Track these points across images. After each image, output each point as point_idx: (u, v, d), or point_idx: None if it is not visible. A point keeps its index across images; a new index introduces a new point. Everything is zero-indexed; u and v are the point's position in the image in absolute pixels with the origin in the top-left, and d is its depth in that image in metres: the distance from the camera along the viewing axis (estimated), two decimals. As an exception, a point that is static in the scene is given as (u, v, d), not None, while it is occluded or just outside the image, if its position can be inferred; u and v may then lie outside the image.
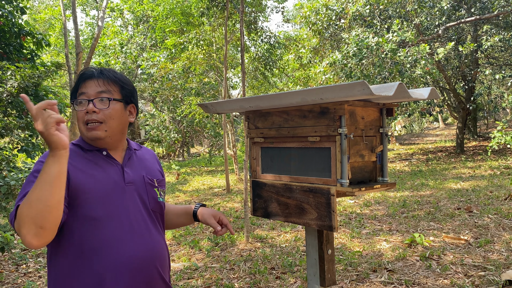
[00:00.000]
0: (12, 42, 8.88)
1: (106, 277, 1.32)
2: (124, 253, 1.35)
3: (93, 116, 1.39)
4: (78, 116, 1.42)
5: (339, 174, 1.59)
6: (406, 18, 12.18)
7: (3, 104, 5.06)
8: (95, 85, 1.42)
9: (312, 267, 1.87)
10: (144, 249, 1.40)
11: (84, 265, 1.32)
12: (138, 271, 1.37)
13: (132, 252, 1.37)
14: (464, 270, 3.85)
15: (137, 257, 1.37)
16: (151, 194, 1.51)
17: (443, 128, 25.71)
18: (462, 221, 5.55)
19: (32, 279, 4.33)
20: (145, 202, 1.48)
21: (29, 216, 1.14)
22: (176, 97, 13.50)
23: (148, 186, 1.51)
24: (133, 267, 1.36)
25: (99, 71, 1.46)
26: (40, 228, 1.15)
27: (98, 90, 1.41)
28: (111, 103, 1.42)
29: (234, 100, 1.89)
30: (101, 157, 1.44)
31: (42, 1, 22.83)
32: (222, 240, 5.39)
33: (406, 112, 13.77)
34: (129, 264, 1.35)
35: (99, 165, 1.41)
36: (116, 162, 1.46)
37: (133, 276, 1.36)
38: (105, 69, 1.48)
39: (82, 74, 1.45)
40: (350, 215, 6.41)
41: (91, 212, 1.33)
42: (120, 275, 1.34)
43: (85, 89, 1.42)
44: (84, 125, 1.40)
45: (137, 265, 1.37)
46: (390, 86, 1.47)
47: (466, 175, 9.66)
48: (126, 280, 1.35)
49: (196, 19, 12.18)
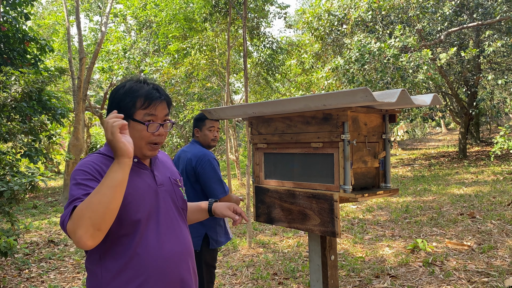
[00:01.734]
0: (16, 48, 8.94)
1: (152, 274, 1.42)
2: (164, 250, 1.45)
3: (159, 139, 1.51)
4: (142, 136, 1.48)
5: (342, 180, 1.59)
6: (408, 24, 12.20)
7: (7, 109, 5.08)
8: (162, 109, 1.51)
9: (315, 273, 1.87)
10: (179, 245, 1.51)
11: (132, 264, 1.40)
12: (177, 265, 1.48)
13: (171, 248, 1.47)
14: (467, 276, 3.83)
15: (175, 252, 1.48)
16: (179, 194, 1.62)
17: (445, 133, 25.67)
18: (465, 227, 5.53)
19: (34, 284, 4.33)
20: (174, 201, 1.58)
21: (89, 218, 1.21)
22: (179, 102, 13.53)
23: (175, 187, 1.61)
24: (173, 262, 1.47)
25: (163, 93, 1.53)
26: (98, 230, 1.23)
27: (165, 113, 1.52)
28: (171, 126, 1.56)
29: (238, 106, 1.89)
30: (133, 164, 1.51)
31: (46, 7, 22.97)
32: (224, 246, 5.38)
33: (408, 117, 13.77)
34: (170, 260, 1.46)
35: (133, 171, 1.49)
36: (146, 167, 1.55)
37: (172, 270, 1.47)
38: (162, 89, 1.56)
39: (153, 94, 1.50)
40: (352, 221, 6.40)
41: (132, 215, 1.42)
42: (163, 271, 1.44)
43: (155, 111, 1.49)
44: (148, 145, 1.49)
45: (177, 259, 1.48)
46: (393, 92, 1.48)
47: (469, 180, 9.63)
48: (168, 275, 1.45)
49: (199, 24, 12.23)
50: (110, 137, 1.28)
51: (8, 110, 5.25)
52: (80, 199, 1.28)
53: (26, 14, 9.35)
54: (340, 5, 11.89)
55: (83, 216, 1.21)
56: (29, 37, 9.00)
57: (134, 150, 1.46)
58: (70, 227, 1.23)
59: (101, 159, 1.47)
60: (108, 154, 1.50)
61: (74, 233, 1.22)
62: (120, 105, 1.49)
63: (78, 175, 1.37)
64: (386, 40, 10.28)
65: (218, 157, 20.97)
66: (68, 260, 5.20)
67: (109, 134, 1.28)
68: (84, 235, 1.21)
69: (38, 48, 9.37)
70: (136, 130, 1.48)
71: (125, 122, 1.31)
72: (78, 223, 1.21)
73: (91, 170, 1.38)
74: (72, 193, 1.32)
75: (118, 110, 1.47)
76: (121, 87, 1.52)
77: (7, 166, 4.92)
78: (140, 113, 1.48)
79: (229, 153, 10.23)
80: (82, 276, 4.54)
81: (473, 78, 13.13)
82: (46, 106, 7.51)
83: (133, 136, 1.47)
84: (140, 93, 1.49)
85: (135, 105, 1.48)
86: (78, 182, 1.35)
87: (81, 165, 1.41)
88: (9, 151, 5.64)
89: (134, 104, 1.48)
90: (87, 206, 1.22)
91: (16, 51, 8.97)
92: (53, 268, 4.88)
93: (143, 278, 1.40)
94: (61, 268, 4.89)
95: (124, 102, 1.48)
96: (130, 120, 1.47)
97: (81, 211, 1.22)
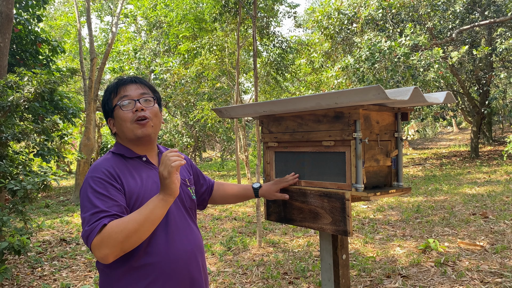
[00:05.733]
0: (28, 49, 9.06)
1: (161, 273, 1.42)
2: (174, 250, 1.46)
3: (142, 113, 1.48)
4: (124, 118, 1.48)
5: (354, 178, 1.58)
6: (419, 22, 12.09)
7: (19, 109, 5.15)
8: (135, 88, 1.52)
9: (327, 272, 1.86)
10: (189, 244, 1.51)
11: (141, 264, 1.41)
12: (187, 264, 1.49)
13: (180, 247, 1.48)
14: (480, 276, 3.79)
15: (184, 251, 1.49)
16: (187, 193, 1.61)
17: (457, 132, 25.41)
18: (477, 227, 5.47)
19: (47, 282, 4.38)
20: (183, 201, 1.58)
21: (121, 243, 1.25)
22: (189, 102, 13.58)
23: (183, 186, 1.60)
24: (183, 261, 1.48)
25: (133, 77, 1.57)
26: (123, 251, 1.28)
27: (140, 92, 1.52)
28: (154, 102, 1.55)
29: (248, 105, 1.89)
30: (141, 163, 1.52)
31: (57, 8, 23.21)
32: (234, 245, 5.39)
33: (419, 116, 13.65)
34: (179, 259, 1.47)
35: (142, 170, 1.50)
36: (155, 166, 1.55)
37: (182, 269, 1.47)
38: (135, 76, 1.59)
39: (119, 81, 1.54)
40: (363, 220, 6.36)
41: None
42: (173, 270, 1.44)
43: (126, 92, 1.50)
44: (133, 123, 1.48)
45: (186, 258, 1.49)
46: (406, 90, 1.46)
47: (481, 180, 9.52)
48: (177, 274, 1.46)
49: (209, 24, 12.26)
50: (166, 175, 1.29)
51: (21, 110, 5.32)
52: (106, 213, 1.29)
53: (39, 16, 9.46)
54: (350, 3, 11.83)
55: (115, 238, 1.24)
56: (41, 38, 9.11)
57: (128, 136, 1.50)
58: (96, 243, 1.24)
59: (116, 160, 1.48)
60: (120, 153, 1.51)
61: (99, 249, 1.24)
62: (105, 108, 1.55)
63: (95, 183, 1.37)
64: (397, 38, 10.20)
65: (228, 156, 20.98)
66: (80, 258, 5.24)
67: (165, 172, 1.29)
68: (110, 254, 1.25)
69: (50, 49, 9.48)
70: (117, 117, 1.50)
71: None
72: (107, 242, 1.23)
73: (107, 177, 1.39)
74: (94, 203, 1.31)
75: (107, 113, 1.54)
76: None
77: (20, 165, 4.97)
78: (114, 101, 1.51)
79: (238, 153, 10.23)
80: (94, 275, 4.57)
81: (485, 76, 12.98)
82: (58, 106, 7.59)
83: (119, 125, 1.50)
84: (110, 86, 1.55)
85: (110, 98, 1.52)
86: (96, 191, 1.34)
87: (96, 171, 1.40)
88: (22, 150, 5.71)
89: (109, 98, 1.52)
90: (122, 231, 1.24)
91: (28, 52, 9.09)
92: (65, 266, 4.93)
93: (152, 277, 1.41)
94: (73, 266, 4.93)
95: (105, 103, 1.54)
96: (112, 115, 1.52)
97: (115, 233, 1.24)
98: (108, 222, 1.26)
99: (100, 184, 1.35)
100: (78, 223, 7.50)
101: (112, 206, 1.32)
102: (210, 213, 7.90)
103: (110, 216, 1.29)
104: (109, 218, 1.28)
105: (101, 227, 1.25)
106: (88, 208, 1.31)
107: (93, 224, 1.26)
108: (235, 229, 6.29)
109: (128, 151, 1.52)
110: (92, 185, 1.36)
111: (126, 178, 1.43)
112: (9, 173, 4.62)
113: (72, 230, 6.95)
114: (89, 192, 1.34)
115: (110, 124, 1.55)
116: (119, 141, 1.56)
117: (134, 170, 1.49)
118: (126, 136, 1.50)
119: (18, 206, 4.36)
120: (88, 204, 1.32)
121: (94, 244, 1.24)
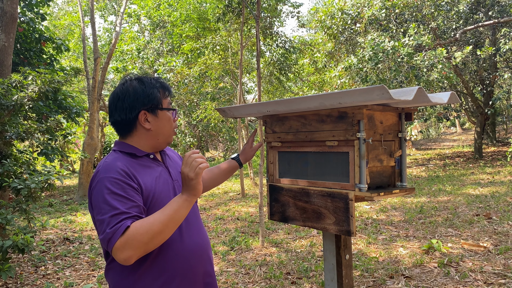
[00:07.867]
0: (32, 48, 9.09)
1: (177, 268, 1.44)
2: (187, 244, 1.48)
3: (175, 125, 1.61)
4: (171, 123, 1.57)
5: (358, 178, 1.58)
6: (422, 22, 12.06)
7: (23, 109, 5.17)
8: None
9: (330, 272, 1.86)
10: (199, 237, 1.54)
11: (157, 261, 1.42)
12: (199, 257, 1.52)
13: (193, 241, 1.50)
14: (483, 277, 3.78)
15: (197, 244, 1.51)
16: None
17: (460, 133, 25.33)
18: (481, 228, 5.45)
19: (50, 281, 4.39)
20: None
21: (146, 244, 1.25)
22: (192, 101, 13.58)
23: None
24: (196, 255, 1.50)
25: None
26: (146, 252, 1.27)
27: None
28: None
29: (252, 105, 1.89)
30: (149, 160, 1.53)
31: (61, 7, 23.27)
32: (237, 245, 5.39)
33: (422, 117, 13.62)
34: (193, 253, 1.49)
35: (152, 167, 1.51)
36: (161, 163, 1.57)
37: (196, 263, 1.50)
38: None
39: (167, 86, 1.59)
40: (366, 221, 6.35)
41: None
42: (188, 265, 1.47)
43: (171, 100, 1.61)
44: (173, 132, 1.59)
45: (199, 252, 1.52)
46: (410, 90, 1.46)
47: (484, 181, 9.49)
48: (192, 268, 1.48)
49: (212, 24, 12.27)
50: (193, 176, 1.29)
51: (25, 110, 5.34)
52: (127, 214, 1.27)
53: (43, 15, 9.48)
54: (353, 3, 11.80)
55: (140, 240, 1.23)
56: (45, 37, 9.14)
57: (163, 139, 1.54)
58: (120, 245, 1.22)
59: (126, 159, 1.46)
60: (131, 151, 1.49)
61: (122, 251, 1.22)
62: (150, 97, 1.50)
63: (112, 184, 1.33)
64: (400, 38, 10.18)
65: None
66: (83, 257, 5.26)
67: (192, 173, 1.29)
68: (134, 256, 1.23)
69: (54, 47, 9.51)
70: (165, 119, 1.53)
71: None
72: (132, 244, 1.22)
73: (123, 177, 1.36)
74: (112, 204, 1.29)
75: (146, 104, 1.49)
76: (135, 84, 1.51)
77: (24, 164, 4.99)
78: (165, 102, 1.54)
79: (241, 153, 10.23)
80: (97, 274, 4.59)
81: (489, 77, 12.93)
82: (62, 105, 7.61)
83: (163, 126, 1.52)
84: (158, 84, 1.55)
85: (159, 96, 1.53)
86: (114, 192, 1.31)
87: (111, 171, 1.37)
88: (26, 149, 5.73)
89: (158, 94, 1.53)
90: (147, 232, 1.23)
91: (32, 51, 9.12)
92: (68, 265, 4.95)
93: (168, 273, 1.42)
94: (76, 265, 4.95)
95: (153, 95, 1.51)
96: (158, 111, 1.51)
97: (139, 235, 1.23)
98: (131, 223, 1.25)
99: (117, 185, 1.33)
100: (81, 222, 7.52)
101: (132, 207, 1.30)
102: (213, 213, 7.91)
103: (131, 218, 1.27)
104: (131, 219, 1.26)
105: (124, 229, 1.23)
106: (106, 210, 1.28)
107: (115, 226, 1.24)
108: (238, 229, 6.29)
109: (138, 149, 1.51)
110: (109, 186, 1.32)
111: (141, 177, 1.42)
112: (13, 172, 4.64)
113: (75, 229, 6.97)
114: (106, 193, 1.31)
115: (141, 116, 1.48)
116: (128, 141, 1.51)
117: (146, 168, 1.48)
118: (163, 137, 1.55)
119: (22, 205, 4.38)
120: (105, 206, 1.29)
121: (117, 246, 1.22)
